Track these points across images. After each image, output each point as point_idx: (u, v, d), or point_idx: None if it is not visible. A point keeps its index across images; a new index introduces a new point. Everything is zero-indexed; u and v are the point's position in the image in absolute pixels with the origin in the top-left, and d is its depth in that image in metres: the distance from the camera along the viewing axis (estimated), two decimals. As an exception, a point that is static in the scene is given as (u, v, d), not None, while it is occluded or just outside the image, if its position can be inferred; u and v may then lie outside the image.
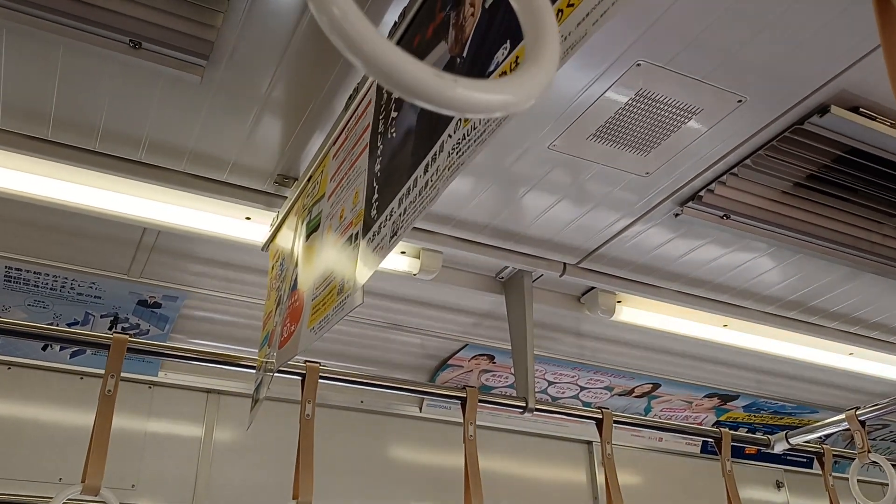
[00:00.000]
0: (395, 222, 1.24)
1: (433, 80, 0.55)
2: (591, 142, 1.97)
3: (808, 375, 3.45)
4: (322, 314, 1.50)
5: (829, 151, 1.96)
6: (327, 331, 1.48)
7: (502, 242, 2.46)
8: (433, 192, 1.12)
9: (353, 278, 1.38)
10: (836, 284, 2.69)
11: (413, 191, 1.20)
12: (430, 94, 0.56)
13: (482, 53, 1.09)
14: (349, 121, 1.71)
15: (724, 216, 2.19)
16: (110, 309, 2.70)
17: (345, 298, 1.39)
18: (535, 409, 2.31)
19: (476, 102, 0.57)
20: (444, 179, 1.09)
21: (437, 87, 0.55)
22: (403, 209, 1.22)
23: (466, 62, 1.14)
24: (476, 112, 0.58)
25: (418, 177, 1.19)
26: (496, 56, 1.04)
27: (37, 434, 2.73)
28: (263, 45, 1.71)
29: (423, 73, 0.55)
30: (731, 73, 1.74)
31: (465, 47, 1.15)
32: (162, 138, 2.00)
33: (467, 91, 0.56)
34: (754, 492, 4.07)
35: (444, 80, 0.55)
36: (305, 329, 1.60)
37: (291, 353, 1.69)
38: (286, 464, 1.96)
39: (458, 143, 1.07)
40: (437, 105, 0.56)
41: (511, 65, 1.00)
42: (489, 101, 0.57)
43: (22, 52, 1.72)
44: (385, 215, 1.31)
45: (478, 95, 0.57)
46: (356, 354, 3.16)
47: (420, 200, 1.16)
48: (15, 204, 2.11)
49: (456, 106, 0.56)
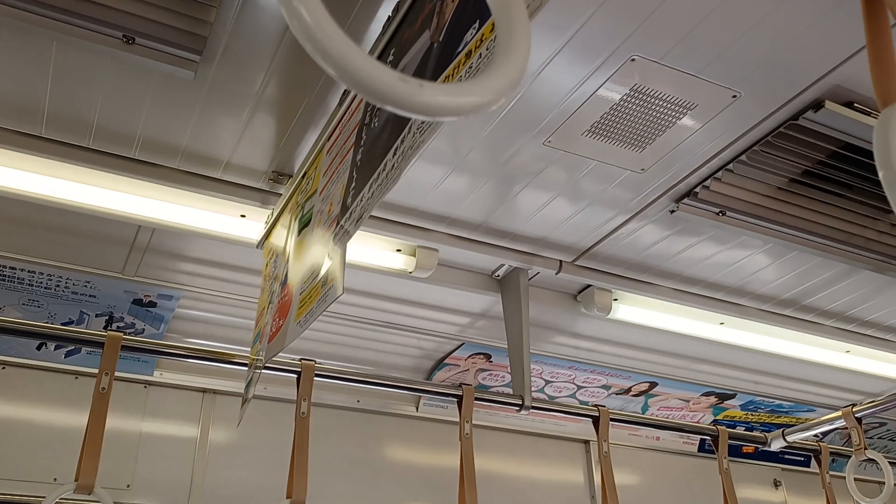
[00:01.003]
0: (363, 207, 1.25)
1: (398, 86, 0.56)
2: (586, 138, 1.97)
3: (804, 373, 3.45)
4: (308, 307, 1.50)
5: (823, 147, 1.95)
6: (312, 322, 1.48)
7: (498, 240, 2.45)
8: (396, 173, 1.13)
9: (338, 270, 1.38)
10: (832, 281, 2.69)
11: (382, 174, 1.21)
12: (396, 99, 0.56)
13: (455, 35, 1.09)
14: (343, 116, 1.71)
15: (719, 212, 2.19)
16: (105, 308, 2.69)
17: (327, 290, 1.39)
18: (531, 406, 2.31)
19: (443, 106, 0.57)
20: (406, 159, 1.10)
21: (402, 93, 0.56)
22: (371, 193, 1.23)
23: (440, 47, 1.14)
24: (445, 115, 0.58)
25: (388, 160, 1.20)
26: (465, 37, 1.04)
27: (31, 434, 2.72)
28: (257, 41, 1.71)
29: (389, 79, 0.55)
30: (725, 68, 1.74)
31: (442, 32, 1.16)
32: (156, 135, 1.99)
33: (433, 96, 0.56)
34: (751, 491, 4.07)
35: (410, 84, 0.55)
36: (293, 323, 1.60)
37: (279, 347, 1.69)
38: (282, 463, 1.95)
39: (423, 122, 1.07)
40: (404, 110, 0.56)
41: (476, 42, 1.00)
42: (457, 103, 0.58)
43: (14, 48, 1.72)
44: (356, 201, 1.32)
45: (444, 99, 0.57)
46: (352, 355, 3.15)
47: (386, 182, 1.17)
48: (8, 202, 2.10)
49: (423, 110, 0.57)
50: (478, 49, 0.98)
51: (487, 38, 0.96)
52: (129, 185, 2.10)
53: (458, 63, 1.03)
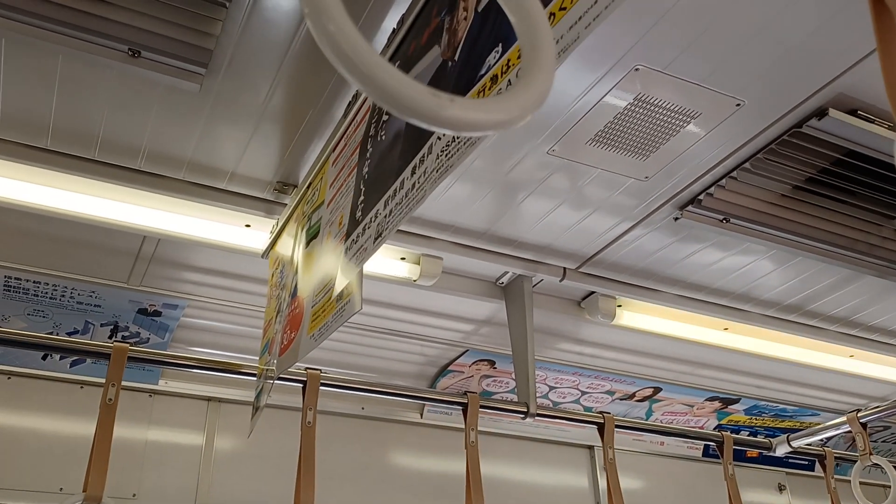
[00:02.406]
0: (381, 224, 1.24)
1: (429, 100, 0.55)
2: (589, 146, 1.97)
3: (808, 378, 3.44)
4: (322, 321, 1.50)
5: (827, 154, 1.96)
6: (327, 337, 1.48)
7: (502, 248, 2.46)
8: (420, 193, 1.12)
9: (352, 285, 1.38)
10: (836, 287, 2.69)
11: (399, 193, 1.20)
12: (425, 113, 0.55)
13: (473, 56, 1.09)
14: (348, 128, 1.71)
15: (723, 220, 2.19)
16: (110, 318, 2.69)
17: (344, 305, 1.39)
18: (536, 413, 2.31)
19: (471, 122, 0.57)
20: (431, 181, 1.09)
21: (432, 107, 0.55)
22: (389, 211, 1.23)
23: (458, 65, 1.14)
24: (471, 131, 0.58)
25: (405, 178, 1.19)
26: (488, 59, 1.04)
27: (37, 444, 2.73)
28: (261, 53, 1.71)
29: (419, 94, 0.55)
30: (729, 77, 1.74)
31: (457, 51, 1.15)
32: (161, 147, 2.00)
33: (462, 111, 0.56)
34: (756, 495, 4.07)
35: (440, 99, 0.55)
36: (305, 336, 1.60)
37: (291, 360, 1.69)
38: (288, 471, 1.95)
39: (448, 145, 1.07)
40: (432, 124, 0.56)
41: (503, 67, 1.00)
42: (484, 120, 0.57)
43: (21, 62, 1.73)
44: (370, 217, 1.31)
45: (473, 115, 0.57)
46: (356, 363, 3.15)
47: (406, 202, 1.16)
48: (14, 213, 2.11)
49: (451, 125, 0.56)
50: (505, 75, 0.98)
51: (515, 64, 0.95)
52: (134, 197, 2.10)
53: (484, 86, 1.03)
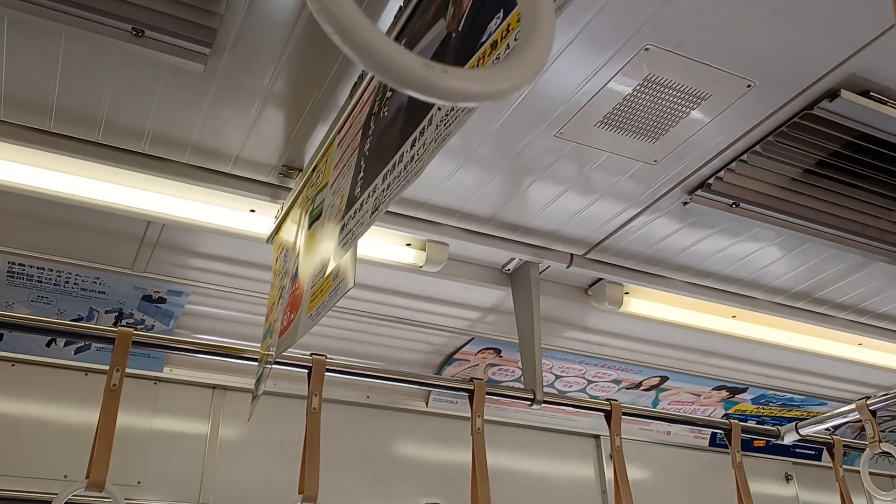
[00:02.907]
0: (378, 198, 1.23)
1: (422, 71, 0.55)
2: (598, 129, 1.95)
3: (816, 367, 3.42)
4: (319, 300, 1.49)
5: (839, 137, 1.93)
6: (324, 315, 1.47)
7: (508, 234, 2.44)
8: (418, 165, 1.11)
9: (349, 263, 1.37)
10: (846, 274, 2.67)
11: (398, 166, 1.19)
12: (419, 84, 0.55)
13: (476, 25, 1.08)
14: (353, 109, 1.69)
15: (733, 204, 2.17)
16: (114, 304, 2.68)
17: (339, 283, 1.38)
18: (543, 401, 2.29)
19: (467, 92, 0.57)
20: (430, 152, 1.08)
21: (426, 78, 0.55)
22: (387, 185, 1.21)
23: (461, 36, 1.12)
24: (468, 101, 0.58)
25: (404, 152, 1.18)
26: (489, 26, 1.03)
27: (41, 431, 2.72)
28: (266, 33, 1.69)
29: (413, 64, 0.55)
30: (740, 57, 1.72)
31: (461, 22, 1.14)
32: (165, 129, 1.98)
33: (457, 81, 0.56)
34: (763, 485, 4.05)
35: (434, 70, 0.55)
36: (304, 316, 1.59)
37: (290, 341, 1.67)
38: (293, 459, 1.94)
39: (447, 115, 1.05)
40: (427, 95, 0.56)
41: (503, 32, 0.98)
42: (480, 90, 0.57)
43: (23, 42, 1.71)
44: (367, 192, 1.29)
45: (467, 85, 0.56)
46: (361, 351, 3.14)
47: (405, 174, 1.15)
48: (17, 197, 2.09)
49: (446, 96, 0.56)
50: (504, 39, 0.96)
51: (515, 28, 0.94)
52: (138, 181, 2.08)
53: (484, 53, 1.01)
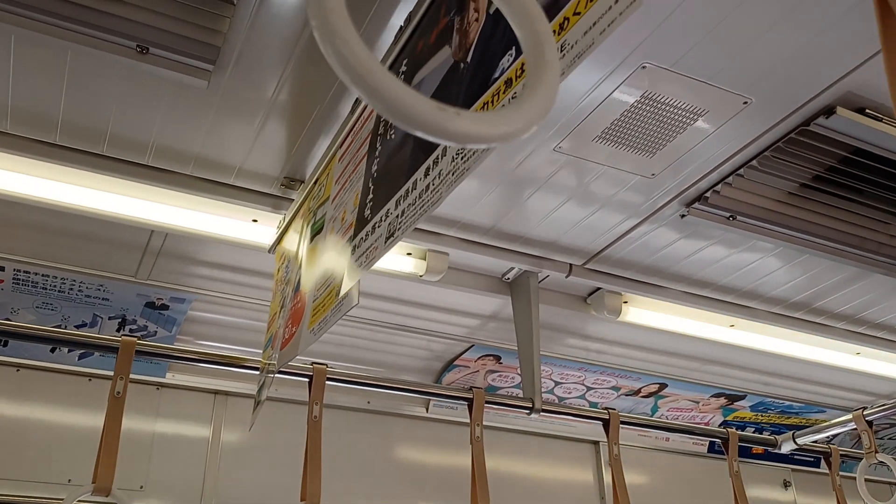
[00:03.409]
0: (392, 224, 1.24)
1: (435, 114, 0.55)
2: (596, 143, 1.97)
3: (814, 375, 3.44)
4: (321, 315, 1.51)
5: (834, 153, 1.95)
6: (325, 331, 1.49)
7: (508, 244, 2.46)
8: (436, 195, 1.12)
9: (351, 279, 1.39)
10: (843, 285, 2.69)
11: (412, 193, 1.20)
12: (432, 127, 0.56)
13: (486, 59, 1.09)
14: (355, 124, 1.72)
15: (730, 217, 2.19)
16: (118, 311, 2.71)
17: (342, 299, 1.40)
18: (542, 409, 2.32)
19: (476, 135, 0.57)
20: (448, 184, 1.09)
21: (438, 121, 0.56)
22: (401, 211, 1.23)
23: (470, 67, 1.14)
24: (476, 143, 0.58)
25: (418, 179, 1.19)
26: (501, 62, 1.04)
27: (45, 435, 2.75)
28: (269, 50, 1.72)
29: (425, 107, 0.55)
30: (736, 74, 1.74)
31: (469, 53, 1.15)
32: (169, 142, 2.01)
33: (468, 124, 0.56)
34: (761, 491, 4.07)
35: (446, 112, 0.55)
36: (306, 330, 1.61)
37: (292, 354, 1.70)
38: (294, 465, 1.97)
39: (463, 148, 1.07)
40: (439, 138, 0.56)
41: (517, 71, 1.00)
42: (489, 133, 0.58)
43: (30, 57, 1.74)
44: (380, 216, 1.31)
45: (478, 128, 0.57)
46: (362, 357, 3.16)
47: (421, 203, 1.16)
48: (23, 207, 2.12)
49: (457, 138, 0.57)
50: (520, 79, 0.98)
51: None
52: (142, 191, 2.11)
53: (498, 90, 1.03)
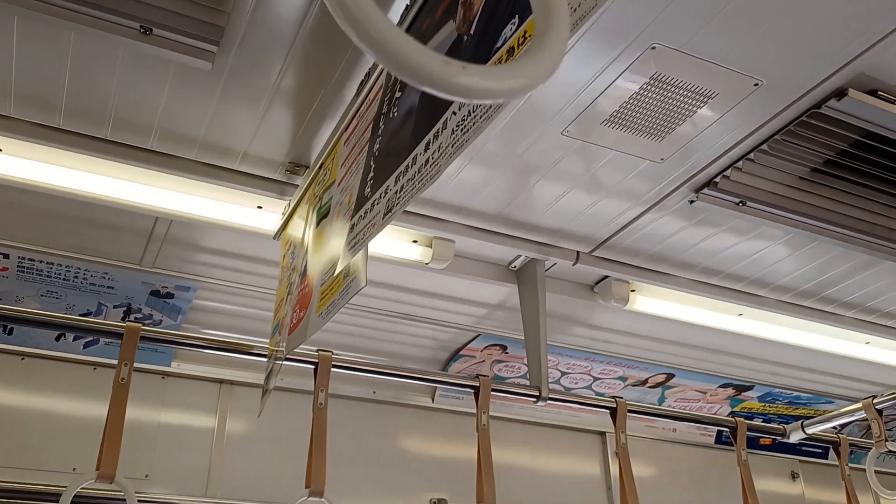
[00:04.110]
0: (391, 199, 1.23)
1: (441, 67, 0.54)
2: (604, 127, 1.95)
3: (823, 365, 3.42)
4: (329, 299, 1.50)
5: (846, 136, 1.93)
6: (334, 315, 1.47)
7: (514, 231, 2.44)
8: (434, 169, 1.11)
9: (360, 262, 1.37)
10: (853, 272, 2.66)
11: (412, 168, 1.19)
12: (436, 80, 0.55)
13: (490, 29, 1.07)
14: (360, 106, 1.70)
15: (739, 202, 2.16)
16: (123, 299, 2.70)
17: (350, 281, 1.38)
18: (548, 398, 2.30)
19: (482, 89, 0.56)
20: (447, 157, 1.08)
21: (443, 74, 0.55)
22: (400, 186, 1.21)
23: (473, 39, 1.12)
24: (482, 98, 0.58)
25: (418, 154, 1.18)
26: (504, 32, 1.02)
27: (50, 424, 2.74)
28: (274, 31, 1.70)
29: (431, 60, 0.54)
30: (747, 56, 1.71)
31: (472, 25, 1.14)
32: (173, 126, 1.99)
33: (474, 77, 0.55)
34: (769, 483, 4.05)
35: (451, 66, 0.54)
36: (314, 315, 1.60)
37: (300, 339, 1.68)
38: (299, 453, 1.95)
39: (464, 119, 1.05)
40: (443, 92, 0.55)
41: (519, 39, 0.98)
42: (495, 87, 0.57)
43: (33, 39, 1.72)
44: (379, 193, 1.29)
45: (483, 82, 0.56)
46: (367, 346, 3.15)
47: (420, 177, 1.15)
48: (27, 193, 2.11)
49: (462, 93, 0.56)
50: (521, 46, 0.96)
51: (531, 36, 0.94)
52: (146, 177, 2.10)
53: (500, 59, 1.01)
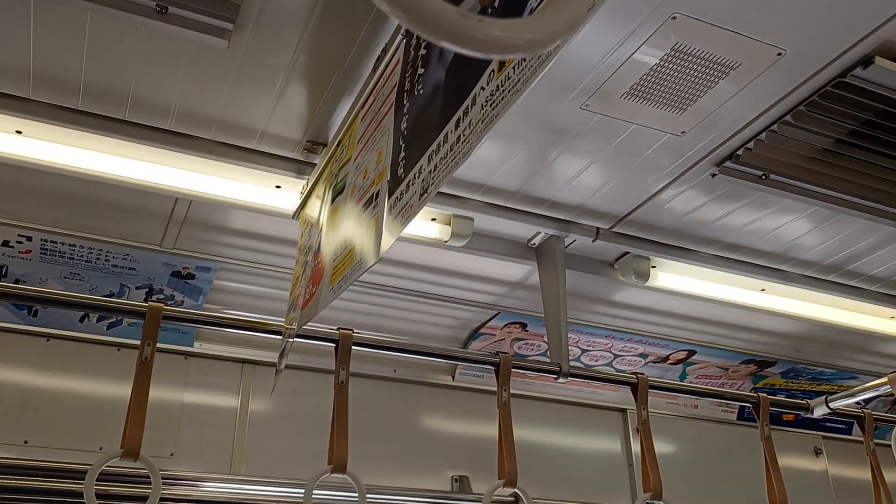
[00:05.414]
0: (425, 179, 1.22)
1: (457, 20, 0.53)
2: (624, 101, 1.92)
3: (847, 340, 3.38)
4: (341, 274, 1.50)
5: (872, 105, 1.89)
6: (345, 289, 1.47)
7: (534, 208, 2.43)
8: (466, 146, 1.09)
9: (373, 238, 1.37)
10: (878, 246, 2.62)
11: (444, 147, 1.18)
12: (453, 33, 0.54)
13: (514, 2, 1.06)
14: (377, 82, 1.69)
15: (762, 176, 2.14)
16: (145, 280, 2.72)
17: (362, 257, 1.38)
18: (569, 373, 2.29)
19: (502, 42, 0.55)
20: (477, 133, 1.06)
21: (460, 27, 0.53)
22: (434, 166, 1.20)
23: (498, 12, 1.11)
24: (501, 52, 0.56)
25: (449, 132, 1.16)
26: (530, 2, 1.01)
27: (76, 404, 2.78)
28: (289, 8, 1.69)
29: (448, 12, 0.53)
30: (770, 24, 1.68)
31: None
32: (191, 106, 1.99)
33: (492, 30, 0.54)
34: (792, 459, 4.03)
35: (470, 19, 0.53)
36: (325, 289, 1.60)
37: (312, 313, 1.69)
38: (321, 433, 1.97)
39: (492, 94, 1.03)
40: (461, 45, 0.54)
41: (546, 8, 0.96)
42: (514, 39, 0.55)
43: (50, 20, 1.72)
44: (413, 173, 1.28)
45: (504, 34, 0.55)
46: (388, 326, 3.16)
47: (452, 156, 1.14)
48: (47, 175, 2.12)
49: (481, 46, 0.54)
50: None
51: None
52: (165, 158, 2.10)
53: None
